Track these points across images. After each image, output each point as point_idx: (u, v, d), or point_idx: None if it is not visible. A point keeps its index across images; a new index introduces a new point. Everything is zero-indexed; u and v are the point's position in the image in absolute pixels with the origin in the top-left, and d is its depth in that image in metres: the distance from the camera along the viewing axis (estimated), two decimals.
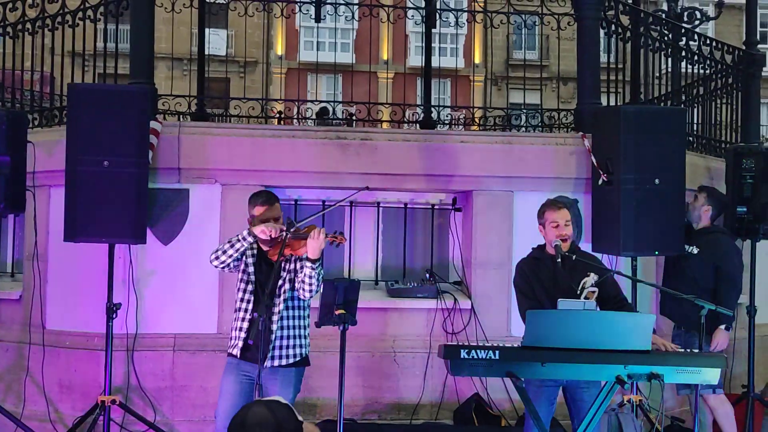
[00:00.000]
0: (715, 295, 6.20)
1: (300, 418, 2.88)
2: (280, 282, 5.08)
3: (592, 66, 7.16)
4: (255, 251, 5.15)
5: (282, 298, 5.07)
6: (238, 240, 5.04)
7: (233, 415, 3.01)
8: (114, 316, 6.19)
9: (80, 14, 7.14)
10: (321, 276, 5.03)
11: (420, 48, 10.44)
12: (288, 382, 5.08)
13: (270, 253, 5.07)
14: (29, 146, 6.35)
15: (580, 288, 5.28)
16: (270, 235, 4.96)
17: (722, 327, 6.23)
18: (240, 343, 5.06)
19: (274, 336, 5.03)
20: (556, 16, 7.67)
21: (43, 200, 6.72)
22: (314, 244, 4.91)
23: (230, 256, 5.05)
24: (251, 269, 5.12)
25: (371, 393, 6.70)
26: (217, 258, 5.09)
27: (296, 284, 5.06)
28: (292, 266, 5.11)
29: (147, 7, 6.82)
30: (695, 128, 8.76)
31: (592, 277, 5.31)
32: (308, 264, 4.95)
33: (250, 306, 5.07)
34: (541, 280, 5.35)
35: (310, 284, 4.98)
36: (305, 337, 5.20)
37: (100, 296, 6.22)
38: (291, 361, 5.10)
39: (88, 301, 6.50)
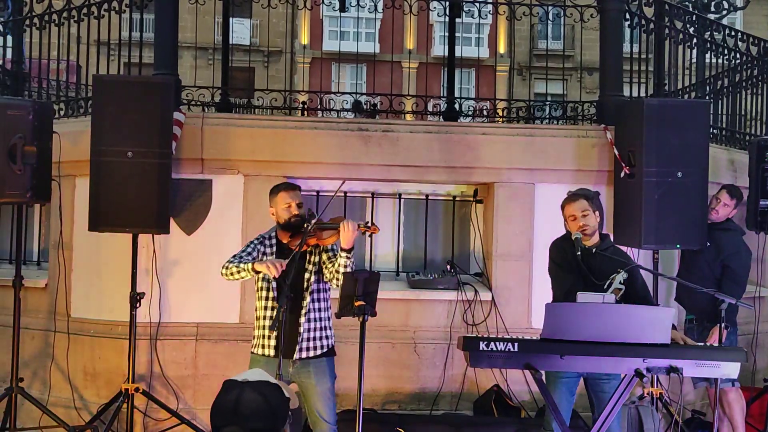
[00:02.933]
0: (719, 290, 6.19)
1: (287, 394, 2.79)
2: (307, 275, 5.15)
3: (614, 58, 7.14)
4: (274, 248, 5.21)
5: (309, 291, 5.14)
6: (245, 269, 5.04)
7: None
8: (137, 305, 6.28)
9: (105, 5, 7.20)
10: (354, 264, 5.09)
11: (444, 38, 10.42)
12: (323, 371, 5.17)
13: (292, 244, 5.11)
14: (55, 136, 6.43)
15: (608, 282, 5.28)
16: (274, 276, 4.95)
17: (722, 325, 6.22)
18: (273, 342, 5.11)
19: (302, 329, 5.11)
20: (579, 8, 7.64)
21: (68, 190, 6.80)
22: (347, 236, 4.96)
23: (235, 279, 5.14)
24: None
25: (392, 383, 6.75)
26: (225, 275, 5.15)
27: (327, 275, 5.11)
28: (317, 258, 5.17)
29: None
30: (720, 120, 8.70)
31: (622, 275, 5.30)
32: (343, 254, 5.00)
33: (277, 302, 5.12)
34: (576, 264, 5.32)
35: (344, 274, 5.01)
36: (330, 328, 5.28)
37: (124, 285, 6.31)
38: (319, 352, 5.18)
39: (112, 290, 6.59)
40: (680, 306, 6.76)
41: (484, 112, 10.44)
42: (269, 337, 5.12)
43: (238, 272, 5.08)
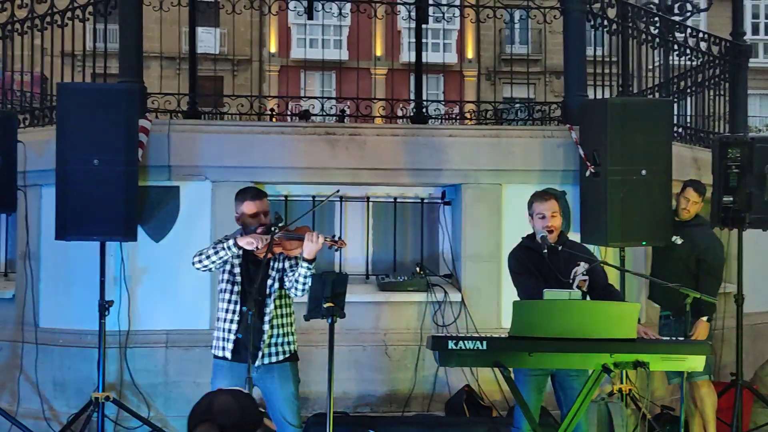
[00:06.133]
0: (697, 285, 6.29)
1: (261, 409, 2.94)
2: (270, 281, 5.13)
3: (578, 59, 7.22)
4: (240, 251, 5.16)
5: (272, 297, 5.12)
6: (223, 248, 5.03)
7: None
8: (106, 313, 6.23)
9: (69, 14, 7.17)
10: (312, 275, 5.07)
11: (412, 44, 10.49)
12: (286, 376, 5.15)
13: (257, 251, 5.07)
14: (20, 146, 6.40)
15: (571, 277, 5.34)
16: (257, 247, 4.96)
17: (704, 318, 6.35)
18: (230, 345, 5.10)
19: (266, 334, 5.08)
20: (542, 10, 7.71)
21: (34, 199, 6.76)
22: (312, 247, 4.93)
23: (213, 262, 5.07)
24: (237, 270, 5.14)
25: (363, 386, 6.76)
26: (200, 261, 5.09)
27: (287, 283, 5.10)
28: (281, 265, 5.16)
29: (135, 7, 6.85)
30: (684, 119, 8.80)
31: (583, 266, 5.36)
32: (304, 265, 4.98)
33: (238, 307, 5.10)
34: (535, 267, 5.40)
35: (304, 284, 5.03)
36: (293, 334, 5.26)
37: (93, 294, 6.25)
38: (282, 357, 5.16)
39: (80, 298, 6.52)
40: (653, 303, 6.84)
41: (453, 116, 10.49)
42: (228, 340, 5.10)
43: (215, 253, 5.03)
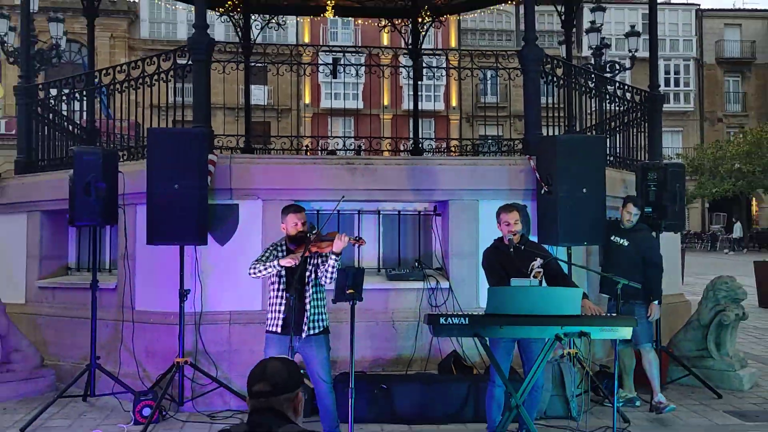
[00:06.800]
0: (646, 277, 6.23)
1: (302, 371, 2.92)
2: (308, 273, 5.19)
3: (535, 106, 7.21)
4: (284, 252, 5.24)
5: (310, 284, 5.18)
6: (272, 266, 5.11)
7: None
8: (185, 299, 6.28)
9: (156, 76, 7.24)
10: (340, 265, 5.12)
11: (410, 96, 10.56)
12: (321, 345, 5.20)
13: (297, 251, 5.16)
14: (120, 175, 6.45)
15: (529, 269, 5.36)
16: (295, 263, 5.04)
17: (655, 302, 6.31)
18: (280, 323, 5.14)
19: (307, 313, 5.13)
20: (508, 70, 7.74)
21: (130, 215, 6.81)
22: (340, 244, 5.04)
23: (264, 275, 5.17)
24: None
25: (376, 352, 6.76)
26: (254, 274, 5.18)
27: (320, 274, 5.16)
28: (315, 261, 5.22)
29: (204, 70, 6.92)
30: (616, 150, 8.80)
31: (538, 261, 5.38)
32: (333, 257, 5.06)
33: (284, 293, 5.16)
34: (501, 263, 5.41)
35: (332, 273, 5.09)
36: (326, 313, 5.31)
37: (174, 284, 6.31)
38: (318, 330, 5.20)
39: (165, 288, 6.56)
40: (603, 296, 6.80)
41: (442, 149, 10.49)
42: (279, 318, 5.16)
43: (266, 269, 5.13)
